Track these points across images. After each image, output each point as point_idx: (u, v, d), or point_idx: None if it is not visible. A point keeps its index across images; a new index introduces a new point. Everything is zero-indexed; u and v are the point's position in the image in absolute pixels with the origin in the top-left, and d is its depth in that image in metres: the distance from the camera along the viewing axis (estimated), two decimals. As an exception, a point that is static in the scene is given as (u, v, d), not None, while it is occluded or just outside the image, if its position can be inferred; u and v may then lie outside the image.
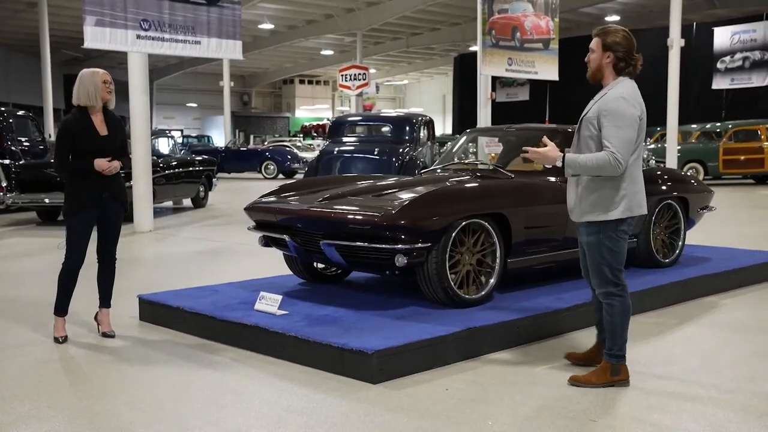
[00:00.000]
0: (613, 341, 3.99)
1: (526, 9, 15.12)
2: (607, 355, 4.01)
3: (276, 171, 25.22)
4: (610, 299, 3.97)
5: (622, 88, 3.87)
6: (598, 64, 3.92)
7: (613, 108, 3.78)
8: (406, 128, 11.97)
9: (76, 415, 3.63)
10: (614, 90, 3.87)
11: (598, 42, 3.91)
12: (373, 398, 3.80)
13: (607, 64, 3.90)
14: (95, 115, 4.79)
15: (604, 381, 3.96)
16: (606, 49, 3.89)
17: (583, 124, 3.92)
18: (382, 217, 4.73)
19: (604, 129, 3.78)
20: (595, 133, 3.83)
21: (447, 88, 48.79)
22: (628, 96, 3.83)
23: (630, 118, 3.78)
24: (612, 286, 3.94)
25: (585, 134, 3.90)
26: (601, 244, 3.90)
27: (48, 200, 11.18)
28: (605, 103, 3.82)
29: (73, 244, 4.77)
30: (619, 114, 3.76)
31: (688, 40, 17.49)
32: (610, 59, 3.89)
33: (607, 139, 3.75)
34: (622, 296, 3.97)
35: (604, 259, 3.91)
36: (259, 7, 28.85)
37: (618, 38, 3.88)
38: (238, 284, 5.89)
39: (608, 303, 3.98)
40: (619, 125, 3.75)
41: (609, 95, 3.86)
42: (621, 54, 3.87)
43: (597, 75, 3.96)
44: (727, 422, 3.48)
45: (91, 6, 9.16)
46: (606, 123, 3.77)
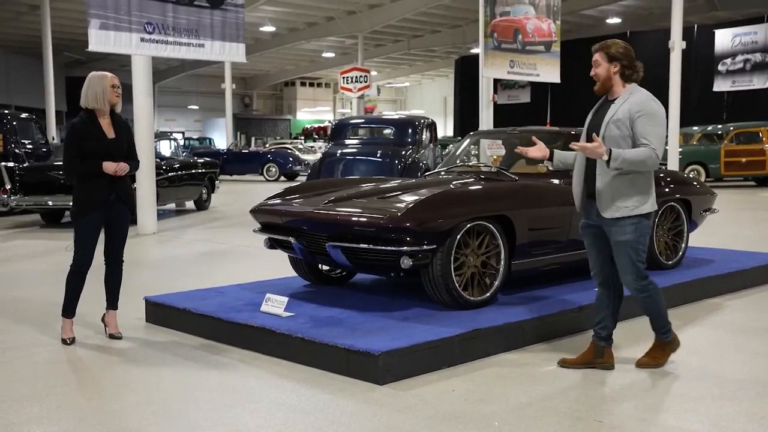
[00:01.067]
0: (661, 321, 4.29)
1: (527, 11, 15.15)
2: (661, 334, 4.31)
3: (277, 173, 25.25)
4: (648, 290, 4.20)
5: (645, 92, 4.13)
6: (607, 75, 4.15)
7: (647, 109, 4.03)
8: (409, 131, 12.01)
9: (85, 415, 3.66)
10: (640, 94, 4.11)
11: (602, 55, 4.15)
12: (380, 399, 3.84)
13: (614, 73, 4.13)
14: (103, 118, 4.83)
15: (667, 356, 4.32)
16: (611, 60, 4.12)
17: (611, 125, 4.09)
18: (387, 219, 4.76)
19: (641, 128, 4.01)
20: (627, 133, 4.04)
21: (448, 90, 48.84)
22: (655, 99, 4.11)
23: (662, 117, 4.07)
24: (643, 279, 4.18)
25: (615, 134, 4.07)
26: (638, 242, 4.11)
27: (51, 203, 11.22)
28: (638, 105, 4.05)
29: (81, 246, 4.80)
30: (653, 113, 4.03)
31: (689, 42, 17.51)
32: (617, 68, 4.12)
33: (644, 137, 3.99)
34: (653, 282, 4.24)
35: (639, 255, 4.13)
36: (260, 9, 28.89)
37: (620, 48, 4.14)
38: (244, 286, 5.93)
39: (647, 294, 4.21)
40: (655, 124, 4.01)
41: (637, 98, 4.08)
42: (626, 62, 4.12)
43: (606, 85, 4.18)
44: (732, 423, 3.51)
45: (95, 9, 9.19)
46: (642, 122, 4.01)
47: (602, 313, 4.36)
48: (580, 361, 4.35)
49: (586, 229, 4.31)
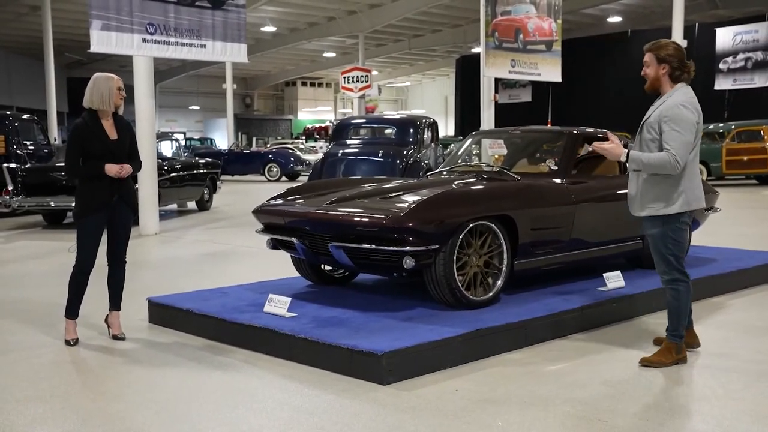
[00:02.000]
0: (678, 323, 4.37)
1: (528, 11, 15.15)
2: (671, 336, 4.39)
3: (279, 173, 25.26)
4: (676, 284, 4.33)
5: (681, 95, 4.24)
6: (656, 76, 4.31)
7: (673, 114, 4.16)
8: (410, 130, 12.01)
9: (89, 416, 3.67)
10: (673, 97, 4.24)
11: (652, 56, 4.31)
12: (383, 399, 3.84)
13: (663, 74, 4.29)
14: (106, 119, 4.84)
15: (672, 360, 4.34)
16: (660, 62, 4.28)
17: (645, 128, 4.30)
18: (390, 219, 4.76)
19: (665, 133, 4.16)
20: (656, 136, 4.22)
21: (449, 90, 48.86)
22: (687, 103, 4.21)
23: (689, 122, 4.16)
24: (678, 273, 4.31)
25: (646, 137, 4.28)
26: (666, 236, 4.27)
27: (54, 203, 11.22)
28: (666, 110, 4.20)
29: (84, 247, 4.81)
30: (679, 119, 4.15)
31: (690, 40, 17.54)
32: (665, 70, 4.27)
33: (667, 142, 4.15)
34: (686, 282, 4.35)
35: (669, 249, 4.28)
36: (261, 9, 28.91)
37: (670, 50, 4.28)
38: (247, 286, 5.93)
39: (674, 288, 4.34)
40: (679, 129, 4.14)
41: (669, 102, 4.23)
42: (676, 64, 4.26)
43: (655, 85, 4.35)
44: (736, 422, 3.51)
45: (97, 10, 9.20)
46: (666, 127, 4.16)
47: None
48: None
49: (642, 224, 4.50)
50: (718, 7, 30.91)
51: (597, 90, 32.59)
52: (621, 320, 5.36)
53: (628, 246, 6.26)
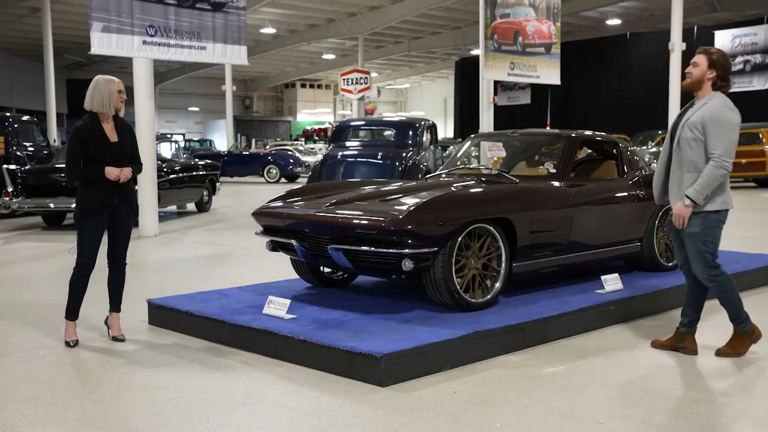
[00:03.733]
0: (736, 311, 4.53)
1: (528, 13, 15.19)
2: (738, 324, 4.55)
3: (278, 175, 25.28)
4: (717, 279, 4.47)
5: (723, 99, 4.39)
6: (701, 77, 4.42)
7: (719, 115, 4.31)
8: (410, 132, 12.04)
9: (89, 417, 3.69)
10: (715, 101, 4.37)
11: (704, 58, 4.44)
12: (382, 401, 3.86)
13: (708, 79, 4.42)
14: (106, 122, 4.86)
15: (746, 348, 4.53)
16: (711, 66, 4.41)
17: (686, 128, 4.40)
18: (389, 221, 4.79)
19: (711, 134, 4.29)
20: (700, 135, 4.33)
21: (448, 92, 48.90)
22: (732, 107, 4.38)
23: (735, 124, 4.33)
24: (713, 269, 4.45)
25: (688, 136, 4.38)
26: (705, 234, 4.40)
27: (53, 205, 11.24)
28: (711, 111, 4.33)
29: (84, 249, 4.83)
30: (726, 120, 4.31)
31: (689, 43, 17.52)
32: (712, 75, 4.41)
33: (712, 146, 4.29)
34: (724, 273, 4.49)
35: (707, 246, 4.41)
36: (260, 11, 28.95)
37: (722, 59, 4.43)
38: (246, 288, 5.96)
39: (717, 283, 4.48)
40: (726, 130, 4.29)
41: (712, 105, 4.36)
42: (723, 73, 4.42)
43: (695, 86, 4.46)
44: (731, 424, 3.54)
45: (97, 12, 9.22)
46: (713, 128, 4.29)
47: (687, 301, 4.72)
48: (668, 344, 4.73)
49: (671, 225, 4.63)
50: (717, 9, 30.95)
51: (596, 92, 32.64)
52: (619, 323, 5.38)
53: (626, 249, 6.28)
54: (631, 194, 6.26)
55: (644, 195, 6.31)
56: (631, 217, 6.24)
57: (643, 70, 30.34)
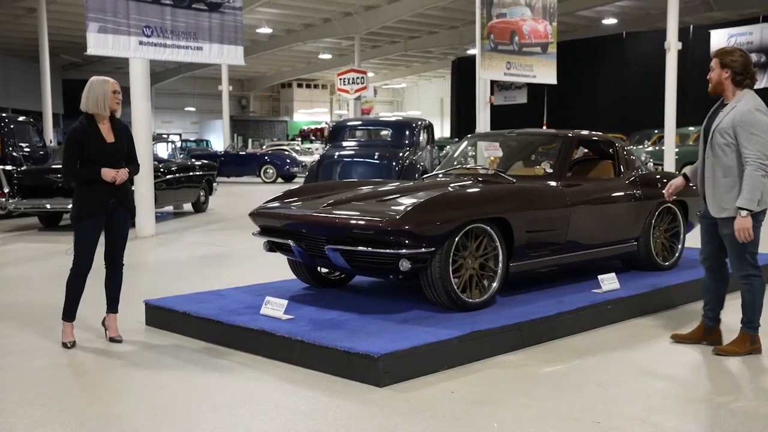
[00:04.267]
0: (753, 315, 4.58)
1: (524, 13, 15.20)
2: (748, 327, 4.59)
3: (275, 175, 25.26)
4: (750, 279, 4.55)
5: (751, 99, 4.46)
6: (718, 80, 4.55)
7: (749, 119, 4.37)
8: (406, 132, 12.05)
9: (87, 418, 3.69)
10: (743, 103, 4.44)
11: (716, 61, 4.55)
12: (380, 401, 3.87)
13: (726, 79, 4.51)
14: (102, 122, 4.85)
15: (746, 350, 4.56)
16: (723, 67, 4.51)
17: (716, 133, 4.49)
18: (386, 222, 4.79)
19: (742, 137, 4.37)
20: (731, 140, 4.42)
21: (445, 92, 48.88)
22: (761, 107, 4.43)
23: (765, 125, 4.37)
24: (752, 268, 4.53)
25: (720, 141, 4.47)
26: None
27: (50, 206, 11.22)
28: (740, 115, 4.40)
29: (81, 249, 4.83)
30: (756, 123, 4.36)
31: (685, 42, 17.53)
32: (728, 74, 4.50)
33: (745, 150, 4.35)
34: (760, 276, 4.57)
35: (746, 246, 4.47)
36: (257, 11, 28.93)
37: (735, 57, 4.51)
38: (244, 289, 5.95)
39: (748, 283, 4.55)
40: (757, 132, 4.35)
41: (740, 108, 4.42)
42: (738, 69, 4.48)
43: (718, 89, 4.59)
44: (726, 422, 3.55)
45: (94, 13, 9.21)
46: (744, 132, 4.36)
47: (708, 296, 4.80)
48: (691, 336, 4.82)
49: (703, 220, 4.74)
50: (713, 9, 31.01)
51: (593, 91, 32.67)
52: (616, 322, 5.39)
53: (623, 248, 6.29)
54: (627, 194, 6.27)
55: (641, 194, 6.33)
56: (627, 217, 6.25)
57: (639, 70, 30.38)
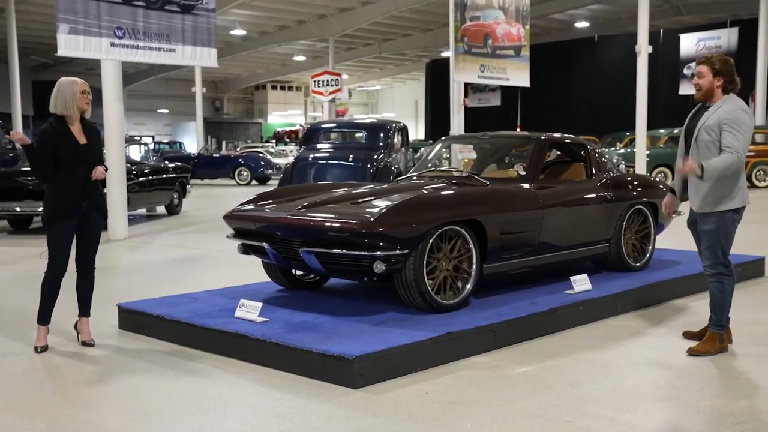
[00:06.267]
0: (722, 314, 4.69)
1: (497, 16, 15.31)
2: (716, 326, 4.71)
3: (249, 177, 25.16)
4: (721, 278, 4.65)
5: (736, 101, 4.60)
6: (710, 87, 4.62)
7: (734, 117, 4.50)
8: (381, 135, 12.08)
9: (59, 423, 3.65)
10: (729, 104, 4.57)
11: (707, 69, 4.62)
12: (354, 403, 3.88)
13: (717, 86, 4.62)
14: (73, 124, 4.81)
15: (717, 349, 4.66)
16: (717, 75, 4.60)
17: (702, 131, 4.59)
18: (360, 224, 4.81)
19: (726, 135, 4.48)
20: (716, 138, 4.53)
21: (419, 94, 49.04)
22: (746, 108, 4.60)
23: (748, 125, 4.53)
24: (723, 267, 4.64)
25: (705, 139, 4.57)
26: (720, 231, 4.59)
27: (19, 209, 11.06)
28: (727, 114, 4.52)
29: (55, 252, 4.78)
30: (740, 122, 4.50)
31: (655, 46, 17.76)
32: (720, 83, 4.60)
33: (728, 143, 4.47)
34: (730, 275, 4.68)
35: (720, 243, 4.61)
36: (230, 13, 28.79)
37: (725, 64, 4.61)
38: (218, 292, 5.93)
39: (719, 282, 4.66)
40: (740, 131, 4.48)
41: (726, 108, 4.55)
42: (729, 78, 4.60)
43: (708, 95, 4.66)
44: (695, 420, 3.61)
45: (64, 14, 9.12)
46: (729, 129, 4.48)
47: None
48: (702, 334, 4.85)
49: (691, 225, 4.85)
50: (683, 13, 31.47)
51: (565, 94, 33.00)
52: (588, 322, 5.46)
53: (595, 249, 6.37)
54: (599, 196, 6.35)
55: (612, 196, 6.41)
56: (599, 219, 6.33)
57: (611, 72, 30.75)
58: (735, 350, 4.74)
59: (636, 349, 4.86)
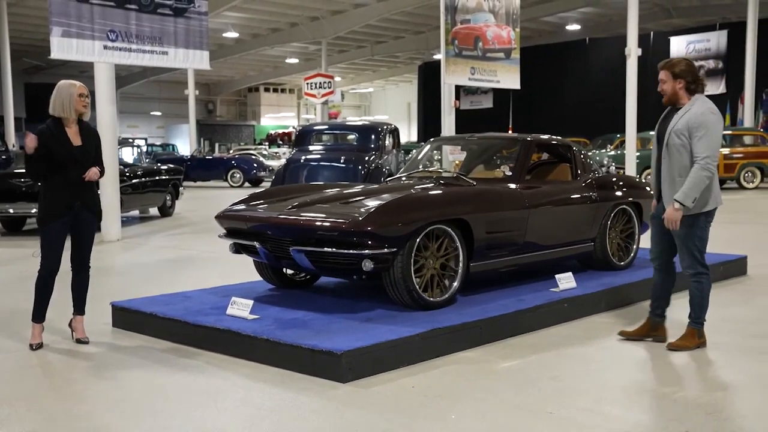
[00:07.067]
0: (701, 311, 4.81)
1: (488, 19, 15.45)
2: (695, 322, 4.82)
3: (242, 179, 25.24)
4: (700, 278, 4.76)
5: (705, 103, 4.66)
6: (673, 91, 4.71)
7: (702, 120, 4.58)
8: (372, 137, 12.20)
9: (54, 417, 3.75)
10: (697, 106, 4.64)
11: (667, 74, 4.71)
12: (343, 396, 3.99)
13: (680, 88, 4.69)
14: (70, 126, 4.91)
15: (695, 344, 4.79)
16: (676, 78, 4.68)
17: (673, 135, 4.66)
18: (349, 223, 4.92)
19: (696, 138, 4.56)
20: (686, 141, 4.60)
21: (412, 96, 49.17)
22: (714, 110, 4.65)
23: (717, 127, 4.61)
24: (701, 266, 4.74)
25: (676, 142, 4.64)
26: (694, 234, 4.68)
27: (12, 210, 11.12)
28: (695, 117, 4.60)
29: (48, 252, 4.88)
30: (708, 124, 4.57)
31: (645, 48, 17.93)
32: (681, 84, 4.68)
33: (697, 150, 4.55)
34: (708, 274, 4.79)
35: (696, 245, 4.70)
36: (223, 15, 28.87)
37: (683, 67, 4.69)
38: (210, 290, 6.03)
39: (698, 281, 4.77)
40: (710, 134, 4.56)
41: (694, 110, 4.63)
42: (690, 78, 4.68)
43: (673, 99, 4.74)
44: (670, 411, 3.74)
45: (57, 17, 9.21)
46: (698, 133, 4.56)
47: (657, 293, 5.00)
48: (638, 333, 5.02)
49: (654, 219, 4.95)
50: (673, 16, 31.72)
51: (557, 96, 33.18)
52: (572, 319, 5.58)
53: (580, 248, 6.50)
54: (584, 196, 6.48)
55: (597, 197, 6.54)
56: (584, 218, 6.46)
57: (602, 75, 30.95)
58: (715, 345, 4.87)
59: (617, 345, 4.98)
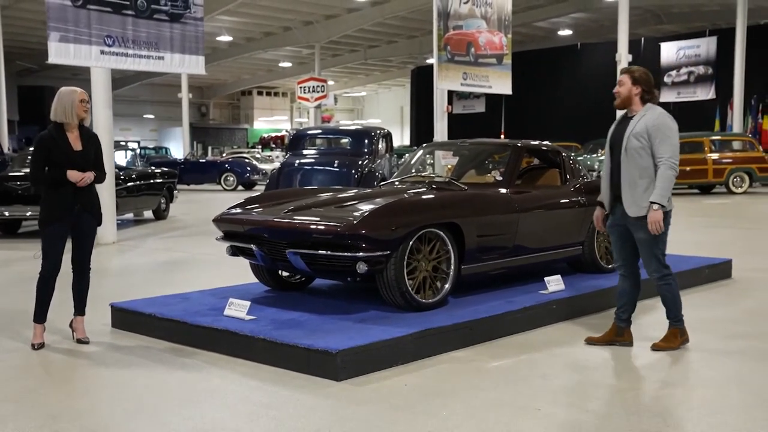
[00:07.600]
0: (677, 310, 4.96)
1: (480, 25, 15.61)
2: (675, 322, 4.97)
3: (235, 182, 25.33)
4: (667, 279, 4.90)
5: (659, 110, 4.80)
6: (629, 94, 4.84)
7: (660, 123, 4.72)
8: (365, 141, 12.33)
9: (58, 413, 3.87)
10: (652, 112, 4.78)
11: (628, 77, 4.85)
12: (338, 394, 4.12)
13: (636, 94, 4.82)
14: (71, 131, 5.04)
15: (678, 343, 4.93)
16: (635, 83, 4.82)
17: (632, 138, 4.76)
18: (344, 227, 5.06)
19: (656, 141, 4.69)
20: (646, 143, 4.71)
21: (405, 100, 49.35)
22: (669, 115, 4.80)
23: (674, 129, 4.75)
24: (664, 268, 4.88)
25: (635, 145, 4.75)
26: (660, 238, 4.78)
27: (8, 213, 11.20)
28: (653, 120, 4.73)
29: (49, 253, 5.00)
30: (666, 127, 4.72)
31: (636, 54, 18.18)
32: (638, 91, 4.81)
33: (659, 151, 4.67)
34: (673, 274, 4.93)
35: (659, 248, 4.82)
36: (217, 19, 28.99)
37: (644, 75, 4.85)
38: (207, 292, 6.16)
39: (666, 283, 4.90)
40: (670, 136, 4.71)
41: (650, 115, 4.77)
42: (647, 87, 4.83)
43: (626, 102, 4.88)
44: (652, 406, 3.89)
45: (55, 22, 9.31)
46: (658, 136, 4.69)
47: (623, 300, 5.11)
48: (604, 339, 5.10)
49: (612, 228, 5.03)
50: (663, 22, 32.01)
51: (549, 101, 33.40)
52: (560, 321, 5.73)
53: (569, 252, 6.65)
54: (572, 200, 6.63)
55: (585, 201, 6.68)
56: (573, 222, 6.61)
57: (593, 80, 31.16)
58: (699, 346, 5.02)
59: (604, 346, 5.12)
